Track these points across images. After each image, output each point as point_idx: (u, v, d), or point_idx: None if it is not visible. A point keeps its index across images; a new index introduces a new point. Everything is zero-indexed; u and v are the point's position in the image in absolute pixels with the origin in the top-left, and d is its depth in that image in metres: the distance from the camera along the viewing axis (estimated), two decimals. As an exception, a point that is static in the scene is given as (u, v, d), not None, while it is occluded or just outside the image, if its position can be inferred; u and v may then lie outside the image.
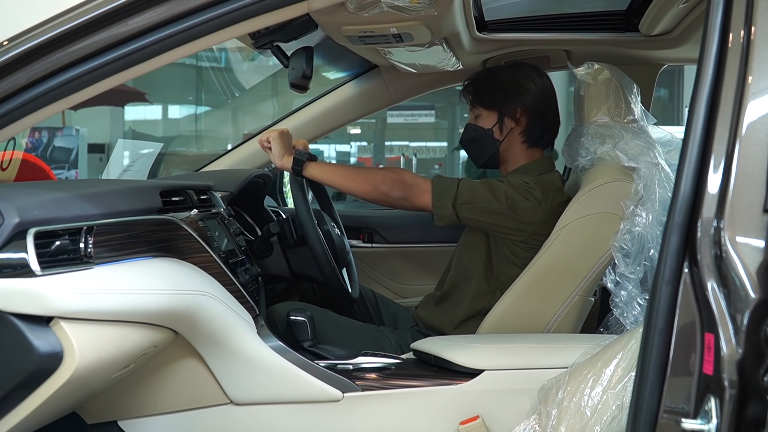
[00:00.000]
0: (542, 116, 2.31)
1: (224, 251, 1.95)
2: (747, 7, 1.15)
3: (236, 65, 10.83)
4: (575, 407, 1.56)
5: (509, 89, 2.30)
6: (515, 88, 2.30)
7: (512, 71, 2.35)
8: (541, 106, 2.31)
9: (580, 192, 2.13)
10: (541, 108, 2.31)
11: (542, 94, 2.32)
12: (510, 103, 2.29)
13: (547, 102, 2.33)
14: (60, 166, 7.57)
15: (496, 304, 2.16)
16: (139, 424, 1.84)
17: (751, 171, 1.10)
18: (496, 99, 2.30)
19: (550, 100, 2.35)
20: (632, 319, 2.04)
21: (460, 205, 2.15)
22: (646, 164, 2.10)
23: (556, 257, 2.11)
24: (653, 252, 2.02)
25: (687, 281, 1.11)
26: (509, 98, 2.29)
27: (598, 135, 2.19)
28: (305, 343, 1.93)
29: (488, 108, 2.32)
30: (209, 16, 1.43)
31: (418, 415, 1.81)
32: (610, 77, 2.22)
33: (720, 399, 1.04)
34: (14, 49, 1.38)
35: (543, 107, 2.32)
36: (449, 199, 2.15)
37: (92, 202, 1.49)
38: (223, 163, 2.91)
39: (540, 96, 2.31)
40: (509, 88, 2.30)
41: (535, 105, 2.30)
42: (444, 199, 2.15)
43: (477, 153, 2.37)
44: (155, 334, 1.59)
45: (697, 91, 1.16)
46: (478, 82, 2.36)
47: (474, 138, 2.35)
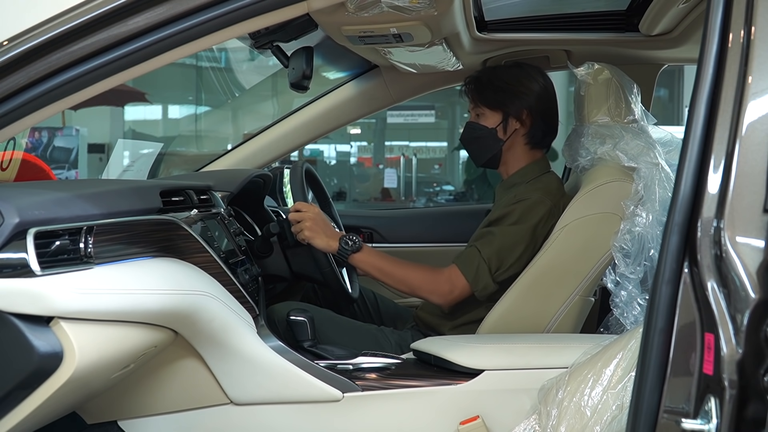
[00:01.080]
0: (545, 117, 2.31)
1: (224, 251, 1.95)
2: (747, 7, 1.15)
3: (236, 65, 10.84)
4: (575, 407, 1.56)
5: (514, 89, 2.29)
6: (520, 89, 2.29)
7: (515, 71, 2.34)
8: (545, 107, 2.31)
9: (580, 192, 2.13)
10: (545, 109, 2.31)
11: (546, 94, 2.31)
12: (515, 103, 2.28)
13: (550, 103, 2.33)
14: (60, 166, 7.58)
15: (496, 304, 2.16)
16: (139, 424, 1.84)
17: (751, 171, 1.10)
18: (501, 99, 2.29)
19: (552, 101, 2.34)
20: (632, 319, 2.04)
21: (497, 275, 2.16)
22: (646, 164, 2.09)
23: (557, 257, 2.10)
24: (653, 252, 2.02)
25: (687, 281, 1.11)
26: (514, 98, 2.28)
27: (599, 135, 2.19)
28: (305, 343, 1.93)
29: (492, 107, 2.31)
30: (209, 16, 1.43)
31: (418, 415, 1.81)
32: (611, 77, 2.22)
33: (720, 399, 1.04)
34: (14, 49, 1.38)
35: (546, 108, 2.31)
36: (487, 278, 2.15)
37: (92, 202, 1.49)
38: (223, 163, 2.91)
39: (543, 97, 2.31)
40: (514, 88, 2.29)
41: (539, 106, 2.29)
42: (483, 280, 2.15)
43: (478, 152, 2.37)
44: (155, 334, 1.59)
45: (697, 91, 1.16)
46: (481, 81, 2.35)
47: (476, 137, 2.34)
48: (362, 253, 2.21)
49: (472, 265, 2.15)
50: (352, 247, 2.20)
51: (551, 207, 2.18)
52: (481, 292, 2.17)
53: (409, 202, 11.30)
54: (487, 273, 2.14)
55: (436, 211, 3.48)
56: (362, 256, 2.21)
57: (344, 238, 2.20)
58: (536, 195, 2.19)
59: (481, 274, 2.15)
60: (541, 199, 2.18)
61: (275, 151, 2.91)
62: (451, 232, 3.02)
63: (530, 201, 2.18)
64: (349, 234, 2.23)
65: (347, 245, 2.19)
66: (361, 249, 2.21)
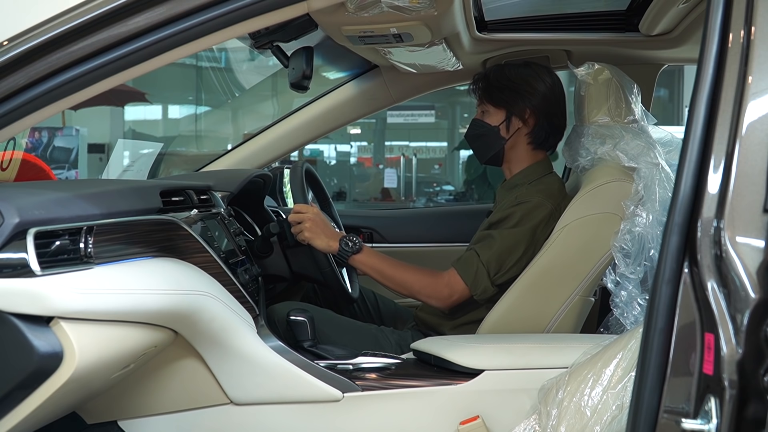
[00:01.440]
0: (549, 118, 2.30)
1: (224, 251, 1.95)
2: (747, 7, 1.15)
3: (236, 65, 10.84)
4: (575, 407, 1.56)
5: (519, 88, 2.28)
6: (525, 88, 2.28)
7: (523, 70, 2.33)
8: (550, 108, 2.29)
9: (580, 192, 2.13)
10: (550, 110, 2.29)
11: (551, 95, 2.30)
12: (519, 102, 2.28)
13: (556, 104, 2.31)
14: (60, 166, 7.57)
15: (496, 305, 2.16)
16: (139, 424, 1.84)
17: (751, 171, 1.10)
18: (505, 97, 2.29)
19: (559, 103, 2.32)
20: (632, 319, 2.04)
21: (496, 278, 2.16)
22: (646, 164, 2.09)
23: (556, 257, 2.10)
24: (653, 252, 2.02)
25: (687, 281, 1.11)
26: (518, 97, 2.28)
27: (599, 135, 2.19)
28: (305, 343, 1.93)
29: (496, 105, 2.31)
30: (209, 16, 1.43)
31: (418, 415, 1.81)
32: (611, 77, 2.21)
33: (720, 399, 1.04)
34: (14, 49, 1.38)
35: (551, 109, 2.30)
36: (486, 281, 2.15)
37: (92, 202, 1.49)
38: (223, 163, 2.91)
39: (549, 97, 2.29)
40: (519, 87, 2.28)
41: (544, 106, 2.28)
42: (482, 284, 2.15)
43: (481, 149, 2.36)
44: (155, 334, 1.59)
45: (697, 91, 1.16)
46: (488, 78, 2.34)
47: (480, 134, 2.34)
48: (362, 255, 2.21)
49: (471, 269, 2.15)
50: (352, 248, 2.20)
51: (552, 210, 2.18)
52: (480, 296, 2.17)
53: (409, 202, 11.31)
54: (486, 277, 2.15)
55: (436, 211, 3.47)
56: (362, 257, 2.21)
57: (344, 239, 2.21)
58: (537, 198, 2.19)
59: (480, 278, 2.15)
60: (541, 202, 2.18)
61: (275, 151, 2.91)
62: (451, 232, 3.02)
63: (531, 204, 2.18)
64: (350, 235, 2.24)
65: (347, 246, 2.20)
66: (361, 250, 2.21)
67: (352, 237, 2.22)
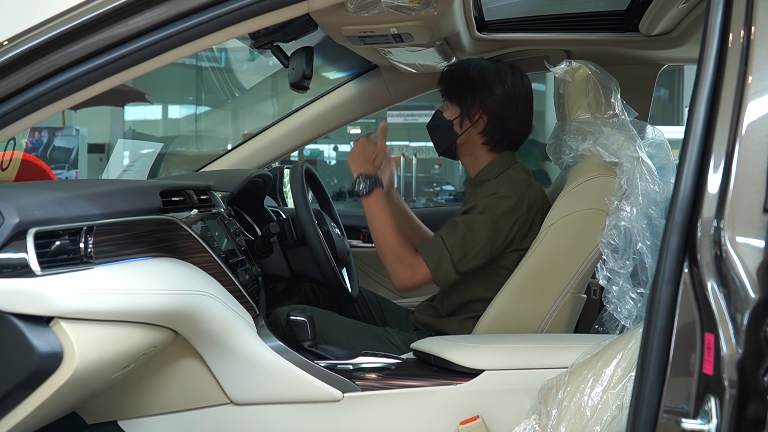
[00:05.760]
0: (503, 121, 2.28)
1: (224, 251, 1.95)
2: (747, 7, 1.15)
3: (236, 65, 10.84)
4: (575, 407, 1.56)
5: (475, 87, 2.28)
6: (481, 87, 2.27)
7: (485, 69, 2.30)
8: (504, 111, 2.27)
9: (564, 189, 2.14)
10: (503, 113, 2.27)
11: (508, 98, 2.27)
12: (470, 101, 2.28)
13: (513, 107, 2.28)
14: (60, 166, 7.57)
15: (488, 307, 2.16)
16: (139, 424, 1.84)
17: (751, 171, 1.10)
18: (459, 94, 2.30)
19: (516, 106, 2.29)
20: (625, 313, 2.04)
21: (459, 265, 2.15)
22: (627, 158, 2.10)
23: (545, 256, 2.11)
24: (641, 245, 2.02)
25: (687, 281, 1.11)
26: (471, 97, 2.28)
27: (580, 132, 2.20)
28: (305, 343, 1.93)
29: (451, 100, 2.33)
30: (209, 16, 1.43)
31: (418, 415, 1.81)
32: (589, 74, 2.21)
33: (720, 399, 1.04)
34: (14, 49, 1.38)
35: (505, 112, 2.27)
36: (448, 266, 2.15)
37: (92, 202, 1.49)
38: (223, 163, 2.91)
39: (504, 101, 2.27)
40: (475, 86, 2.28)
41: (497, 109, 2.26)
42: (443, 269, 2.15)
43: (436, 140, 2.39)
44: (155, 334, 1.59)
45: (697, 91, 1.16)
46: (452, 73, 2.35)
47: (436, 126, 2.37)
48: (368, 199, 2.24)
49: (435, 253, 2.16)
50: (362, 189, 2.24)
51: (516, 201, 2.18)
52: (441, 280, 2.17)
53: (409, 202, 11.31)
54: (449, 262, 2.15)
55: (436, 211, 3.47)
56: (367, 201, 2.24)
57: (360, 177, 2.25)
58: (502, 189, 2.20)
59: (443, 262, 2.15)
60: (506, 193, 2.19)
61: (275, 151, 2.91)
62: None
63: (496, 195, 2.19)
64: (372, 176, 2.25)
65: (358, 186, 2.24)
66: (370, 193, 2.23)
67: (366, 179, 2.24)
